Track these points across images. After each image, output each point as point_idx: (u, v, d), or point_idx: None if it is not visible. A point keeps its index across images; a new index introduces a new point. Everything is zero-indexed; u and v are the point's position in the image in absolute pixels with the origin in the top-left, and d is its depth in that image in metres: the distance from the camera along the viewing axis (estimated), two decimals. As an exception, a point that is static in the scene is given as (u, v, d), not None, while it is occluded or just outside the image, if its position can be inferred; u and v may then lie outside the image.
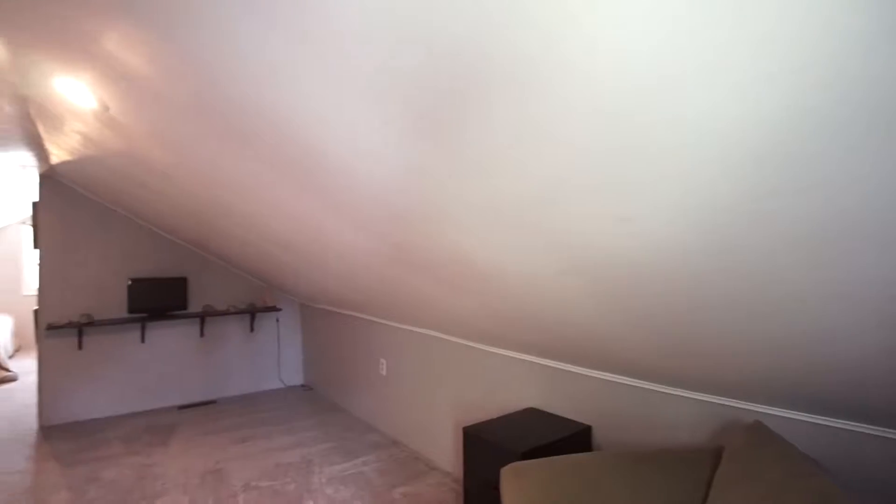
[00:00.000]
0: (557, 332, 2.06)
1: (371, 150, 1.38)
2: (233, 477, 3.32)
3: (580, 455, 1.77)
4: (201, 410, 4.70)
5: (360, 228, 2.01)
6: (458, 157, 1.24)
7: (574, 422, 2.35)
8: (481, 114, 1.05)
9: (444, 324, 3.07)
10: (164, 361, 4.84)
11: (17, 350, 7.24)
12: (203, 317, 4.94)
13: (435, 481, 3.20)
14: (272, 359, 5.39)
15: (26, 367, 6.20)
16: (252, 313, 5.18)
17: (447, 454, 3.34)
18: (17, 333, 7.34)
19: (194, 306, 4.95)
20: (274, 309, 5.26)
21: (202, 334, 5.02)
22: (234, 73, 1.29)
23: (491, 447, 2.16)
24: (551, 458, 1.71)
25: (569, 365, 2.40)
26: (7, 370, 5.88)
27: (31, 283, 7.83)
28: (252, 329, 5.26)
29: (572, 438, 2.20)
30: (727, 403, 1.77)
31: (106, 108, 1.93)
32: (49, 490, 3.19)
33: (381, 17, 0.89)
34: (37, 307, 4.46)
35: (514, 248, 1.54)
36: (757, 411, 1.67)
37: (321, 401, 4.94)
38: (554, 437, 2.15)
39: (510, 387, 2.81)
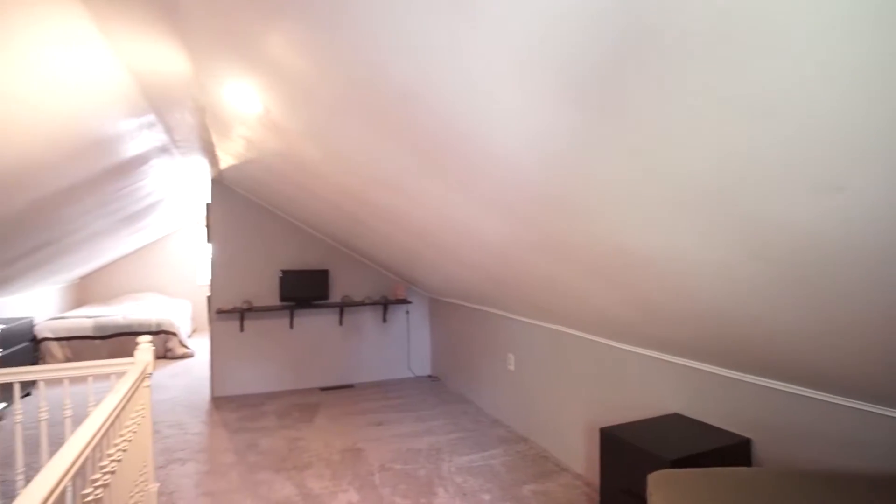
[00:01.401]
0: (718, 330, 1.84)
1: (532, 130, 1.31)
2: (369, 457, 3.52)
3: (744, 469, 1.57)
4: (340, 393, 5.07)
5: (508, 216, 1.96)
6: (627, 132, 1.14)
7: (729, 432, 2.10)
8: (655, 82, 0.95)
9: (581, 319, 2.94)
10: (309, 346, 5.31)
11: (194, 331, 8.45)
12: (342, 307, 5.32)
13: (565, 482, 3.09)
14: (402, 349, 5.64)
15: (201, 347, 7.21)
16: (385, 305, 5.47)
17: (577, 455, 3.21)
18: (194, 317, 8.57)
19: (334, 296, 5.37)
20: (405, 301, 5.50)
21: (341, 323, 5.41)
22: (394, 60, 1.32)
23: (633, 451, 2.01)
24: (708, 469, 1.53)
25: (723, 368, 2.15)
26: (186, 347, 6.88)
27: (203, 274, 9.10)
28: (385, 320, 5.56)
29: (728, 450, 1.96)
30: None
31: (267, 112, 2.14)
32: (219, 451, 3.66)
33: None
34: (209, 294, 5.15)
35: (685, 230, 1.37)
36: None
37: (448, 392, 5.06)
38: (706, 447, 1.94)
39: (651, 389, 2.60)
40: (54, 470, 1.33)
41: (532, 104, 1.22)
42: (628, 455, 2.03)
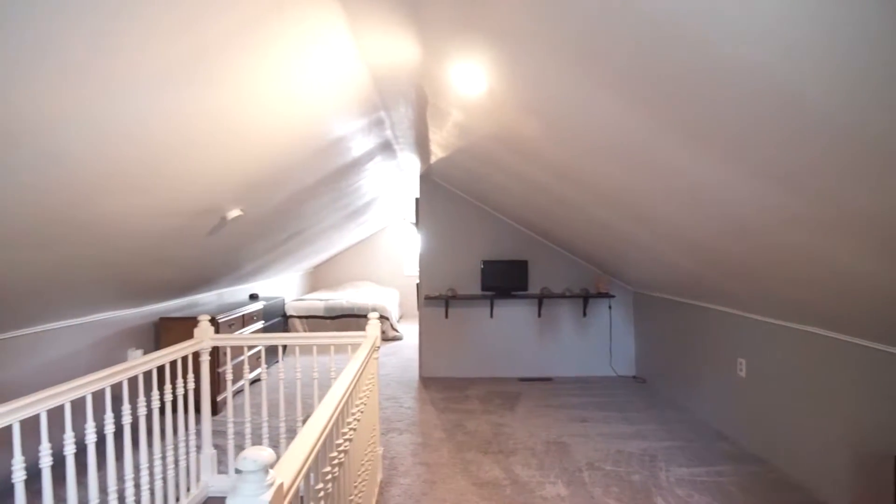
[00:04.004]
0: None
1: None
2: (575, 453, 3.37)
3: None
4: (539, 385, 5.00)
5: (779, 186, 1.62)
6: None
7: None
8: None
9: (857, 321, 2.37)
10: (508, 336, 5.36)
11: (401, 317, 9.28)
12: (541, 298, 5.25)
13: (825, 518, 2.53)
14: (604, 346, 5.33)
15: (407, 331, 7.88)
16: (585, 298, 5.24)
17: (841, 489, 2.59)
18: (401, 304, 9.41)
19: (533, 288, 5.33)
20: (607, 295, 5.19)
21: (539, 314, 5.35)
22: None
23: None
24: None
25: None
26: (396, 331, 7.57)
27: (409, 265, 9.95)
28: (584, 314, 5.32)
29: None
30: None
31: (490, 91, 2.15)
32: (430, 427, 3.89)
33: None
34: (418, 281, 5.56)
35: None
36: None
37: (657, 395, 4.61)
38: None
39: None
40: (326, 408, 1.49)
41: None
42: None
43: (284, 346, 3.04)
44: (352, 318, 7.46)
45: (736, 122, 1.43)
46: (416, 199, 5.78)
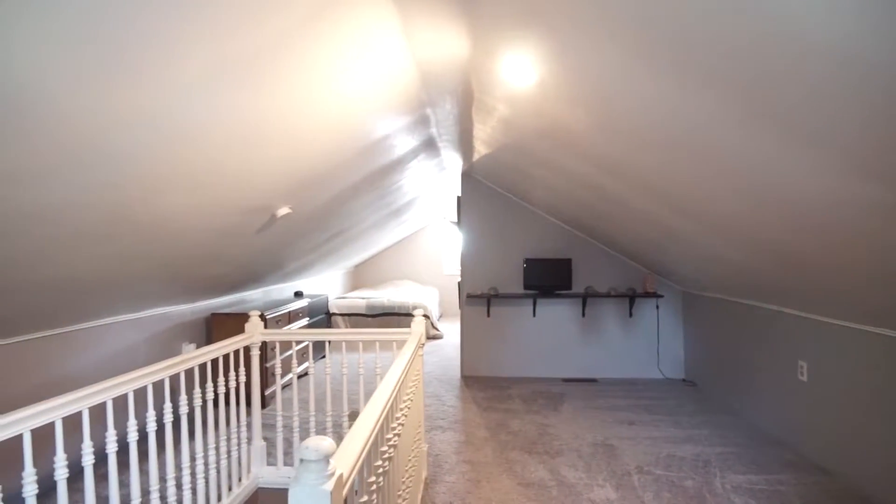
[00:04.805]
0: None
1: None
2: (624, 456, 3.28)
3: None
4: (583, 386, 4.90)
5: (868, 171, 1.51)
6: None
7: None
8: None
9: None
10: (551, 335, 5.28)
11: (441, 315, 9.29)
12: (585, 297, 5.14)
13: (900, 533, 2.36)
14: (650, 347, 5.18)
15: (448, 329, 7.88)
16: (631, 298, 5.09)
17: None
18: (440, 303, 9.42)
19: (577, 287, 5.22)
20: (654, 295, 5.03)
21: (583, 314, 5.24)
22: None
23: None
24: None
25: None
26: (436, 329, 7.58)
27: (448, 264, 9.95)
28: (630, 314, 5.18)
29: None
30: None
31: (541, 83, 2.11)
32: (473, 425, 3.87)
33: None
34: (459, 280, 5.54)
35: None
36: None
37: (708, 399, 4.44)
38: None
39: None
40: (378, 401, 1.49)
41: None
42: None
43: (329, 342, 3.08)
44: (392, 317, 7.52)
45: (821, 108, 1.33)
46: (458, 198, 5.77)
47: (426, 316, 7.47)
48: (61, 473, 1.59)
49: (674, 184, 2.48)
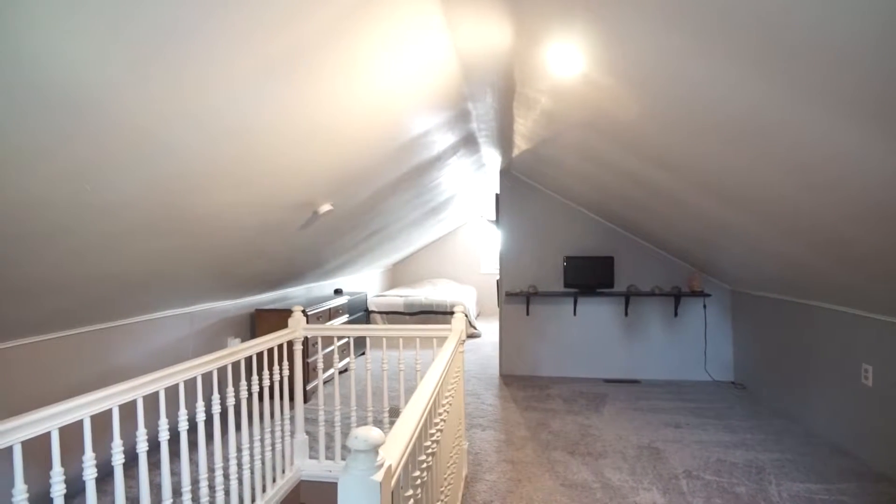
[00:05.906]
0: None
1: None
2: (671, 459, 3.16)
3: None
4: (626, 387, 4.77)
5: None
6: None
7: None
8: None
9: None
10: (592, 335, 5.16)
11: (479, 314, 9.25)
12: (628, 296, 5.00)
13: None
14: (697, 348, 4.99)
15: (485, 328, 7.84)
16: (677, 297, 4.92)
17: None
18: (478, 301, 9.38)
19: (619, 285, 5.08)
20: (702, 294, 4.84)
21: (626, 313, 5.10)
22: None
23: None
24: None
25: None
26: (474, 328, 7.55)
27: (486, 263, 9.90)
28: (676, 314, 5.01)
29: None
30: None
31: (586, 74, 2.05)
32: (513, 424, 3.81)
33: None
34: (498, 278, 5.49)
35: None
36: None
37: (760, 403, 4.24)
38: None
39: None
40: (422, 396, 1.48)
41: None
42: None
43: (369, 339, 3.09)
44: (430, 315, 7.53)
45: None
46: (497, 195, 5.71)
47: (464, 314, 7.48)
48: (118, 459, 1.65)
49: (729, 173, 2.36)
